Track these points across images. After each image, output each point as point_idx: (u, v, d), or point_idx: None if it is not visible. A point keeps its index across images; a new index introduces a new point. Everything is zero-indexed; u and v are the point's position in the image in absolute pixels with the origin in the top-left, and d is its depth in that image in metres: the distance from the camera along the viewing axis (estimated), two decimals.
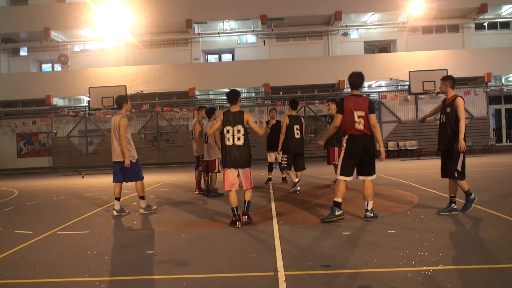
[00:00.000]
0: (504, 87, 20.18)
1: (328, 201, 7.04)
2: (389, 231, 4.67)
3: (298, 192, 7.92)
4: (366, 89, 20.46)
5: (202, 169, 8.33)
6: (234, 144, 5.24)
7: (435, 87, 16.85)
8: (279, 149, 8.23)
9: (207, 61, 23.43)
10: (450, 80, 5.52)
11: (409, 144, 19.31)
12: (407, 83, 18.52)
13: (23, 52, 23.11)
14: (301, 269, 3.52)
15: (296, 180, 7.92)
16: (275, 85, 19.78)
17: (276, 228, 5.03)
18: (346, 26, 21.13)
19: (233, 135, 5.25)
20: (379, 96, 20.08)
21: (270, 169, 9.96)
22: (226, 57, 23.40)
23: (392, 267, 3.45)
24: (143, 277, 3.53)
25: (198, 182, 8.69)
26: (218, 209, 6.65)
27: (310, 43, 22.17)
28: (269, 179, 9.86)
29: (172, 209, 6.92)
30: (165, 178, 13.01)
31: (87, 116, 20.16)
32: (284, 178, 9.85)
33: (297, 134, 7.97)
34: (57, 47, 21.92)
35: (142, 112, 20.40)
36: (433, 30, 21.94)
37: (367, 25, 21.58)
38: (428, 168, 12.18)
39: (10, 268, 3.94)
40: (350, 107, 5.23)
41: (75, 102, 22.09)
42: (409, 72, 17.92)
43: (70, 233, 5.37)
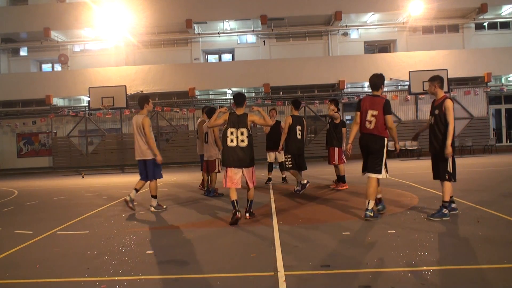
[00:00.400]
0: (504, 87, 20.16)
1: (328, 201, 7.05)
2: (389, 231, 4.67)
3: (298, 192, 7.93)
4: (366, 89, 20.45)
5: (202, 169, 8.33)
6: (238, 145, 5.36)
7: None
8: (280, 148, 8.24)
9: (207, 61, 23.41)
10: (438, 81, 5.31)
11: (409, 144, 19.29)
12: (407, 83, 18.50)
13: (23, 52, 23.08)
14: (301, 269, 3.52)
15: (304, 182, 7.86)
16: (275, 85, 19.76)
17: (276, 228, 5.03)
18: (346, 26, 21.11)
19: (237, 137, 5.38)
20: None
21: (270, 169, 9.96)
22: (226, 57, 23.38)
23: (392, 267, 3.46)
24: (143, 277, 3.53)
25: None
26: (218, 209, 6.66)
27: (310, 43, 22.15)
28: (269, 179, 9.87)
29: (172, 209, 6.93)
30: (165, 178, 12.97)
31: (87, 116, 20.13)
32: (284, 178, 9.85)
33: (299, 135, 7.98)
34: (57, 47, 21.90)
35: None
36: (433, 30, 21.92)
37: (367, 25, 21.56)
38: (428, 168, 11.99)
39: (10, 268, 3.94)
40: (366, 106, 5.34)
41: (75, 102, 22.06)
42: (409, 72, 17.90)
43: (70, 233, 5.38)
